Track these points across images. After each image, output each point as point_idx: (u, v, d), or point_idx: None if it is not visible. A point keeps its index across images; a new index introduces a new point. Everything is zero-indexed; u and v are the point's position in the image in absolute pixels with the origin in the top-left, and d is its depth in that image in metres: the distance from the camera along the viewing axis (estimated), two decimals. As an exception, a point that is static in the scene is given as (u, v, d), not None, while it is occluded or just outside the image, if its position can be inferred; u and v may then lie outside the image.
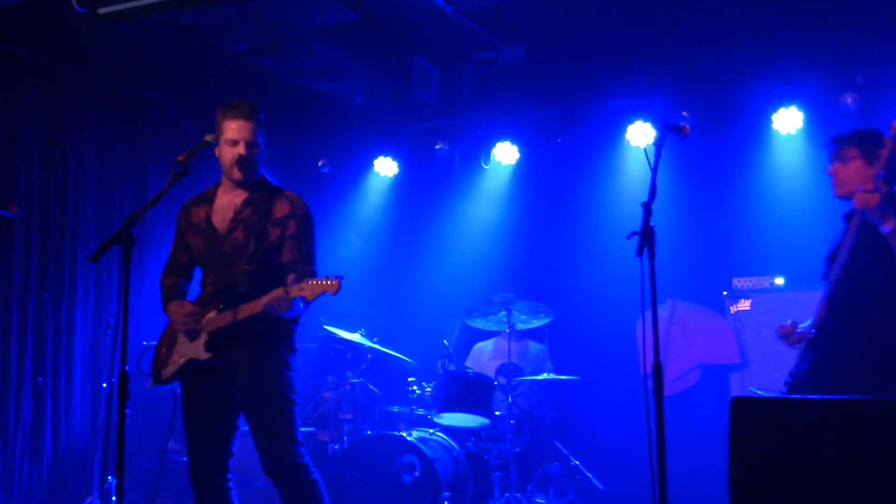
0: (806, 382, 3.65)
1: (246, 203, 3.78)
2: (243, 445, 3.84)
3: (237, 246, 3.71)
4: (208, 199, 3.87)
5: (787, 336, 3.86)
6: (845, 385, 3.49)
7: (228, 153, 3.74)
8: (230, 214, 3.78)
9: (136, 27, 5.38)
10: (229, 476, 3.76)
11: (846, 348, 3.60)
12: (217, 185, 3.90)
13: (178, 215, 3.94)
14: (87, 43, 5.86)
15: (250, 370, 3.67)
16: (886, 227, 3.47)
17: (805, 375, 3.68)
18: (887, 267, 3.55)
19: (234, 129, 3.73)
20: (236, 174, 3.75)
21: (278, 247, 3.71)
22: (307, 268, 3.71)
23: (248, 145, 3.73)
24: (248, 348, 3.69)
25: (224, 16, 5.42)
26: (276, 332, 3.75)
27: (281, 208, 3.75)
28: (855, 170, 3.79)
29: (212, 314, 3.68)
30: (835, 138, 3.90)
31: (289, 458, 3.63)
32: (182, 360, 3.73)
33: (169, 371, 3.76)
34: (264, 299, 3.49)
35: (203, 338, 3.68)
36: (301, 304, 3.61)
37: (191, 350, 3.72)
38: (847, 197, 3.82)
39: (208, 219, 3.82)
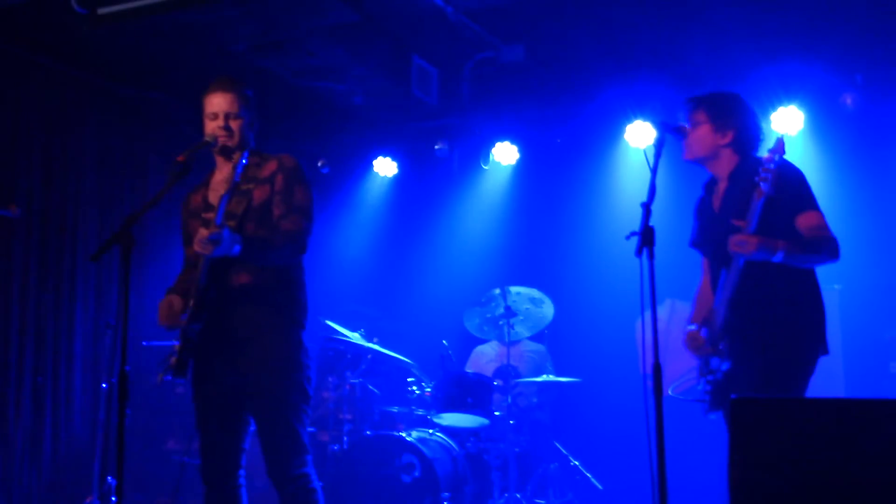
0: (731, 380, 3.54)
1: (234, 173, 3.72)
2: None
3: (229, 214, 3.59)
4: (205, 184, 3.85)
5: (698, 347, 3.68)
6: (761, 375, 3.44)
7: (209, 127, 3.71)
8: (222, 189, 3.70)
9: (136, 27, 5.38)
10: (241, 474, 3.72)
11: (757, 341, 3.50)
12: (212, 169, 3.86)
13: (181, 210, 3.91)
14: (87, 43, 5.86)
15: (259, 371, 3.61)
16: (778, 256, 3.41)
17: (729, 374, 3.57)
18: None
19: (212, 103, 3.70)
20: (217, 146, 3.70)
21: (269, 205, 3.63)
22: (294, 218, 3.62)
23: (227, 116, 3.68)
24: (248, 323, 3.60)
25: (224, 16, 5.42)
26: (272, 298, 3.63)
27: (268, 168, 3.69)
28: (702, 135, 3.71)
29: (195, 276, 3.60)
30: (687, 100, 3.79)
31: (291, 468, 3.59)
32: (181, 341, 3.62)
33: (175, 359, 3.63)
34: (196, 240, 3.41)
35: (190, 303, 3.58)
36: (235, 238, 3.43)
37: (185, 323, 3.62)
38: (693, 161, 3.76)
39: (205, 199, 3.79)
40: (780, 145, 3.48)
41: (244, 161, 3.52)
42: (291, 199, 3.66)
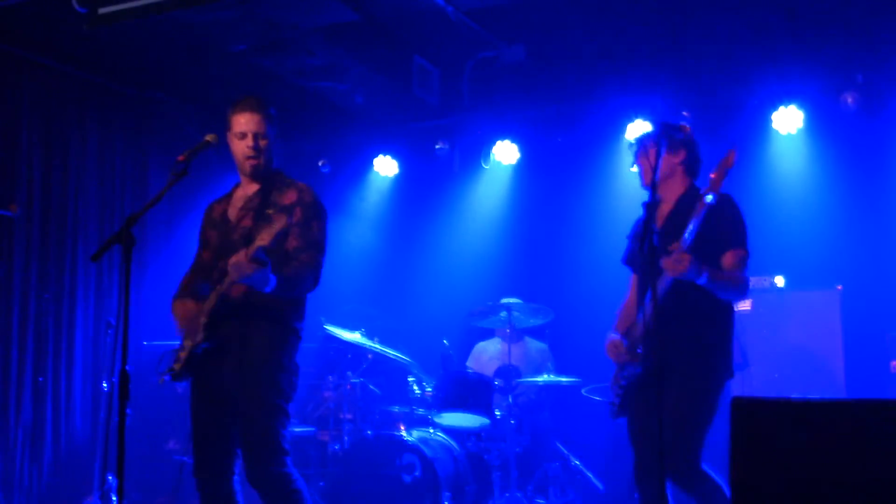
0: (644, 385, 3.63)
1: (256, 193, 3.84)
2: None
3: (245, 233, 3.73)
4: (228, 197, 3.96)
5: (618, 354, 3.80)
6: (674, 386, 3.52)
7: (238, 147, 3.81)
8: (241, 204, 3.85)
9: (136, 27, 5.38)
10: (235, 476, 3.74)
11: (675, 351, 3.58)
12: (237, 184, 3.98)
13: (202, 217, 4.02)
14: (87, 43, 5.86)
15: (240, 369, 3.66)
16: (702, 279, 3.51)
17: (643, 378, 3.65)
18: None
19: (241, 123, 3.79)
20: (247, 167, 3.82)
21: (284, 234, 3.68)
22: (311, 254, 3.72)
23: (256, 136, 3.78)
24: (237, 331, 3.66)
25: (224, 16, 5.42)
26: (266, 313, 3.70)
27: (288, 196, 3.78)
28: (656, 157, 3.77)
29: (211, 296, 3.68)
30: (639, 139, 3.95)
31: (270, 467, 3.60)
32: (186, 353, 3.73)
33: (178, 366, 3.74)
34: (230, 261, 3.47)
35: (202, 321, 3.68)
36: (272, 277, 3.51)
37: (193, 338, 3.72)
38: (649, 186, 3.81)
39: (224, 212, 3.89)
40: (730, 158, 3.61)
41: (261, 257, 3.53)
42: (309, 233, 3.75)
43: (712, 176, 3.57)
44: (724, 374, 3.67)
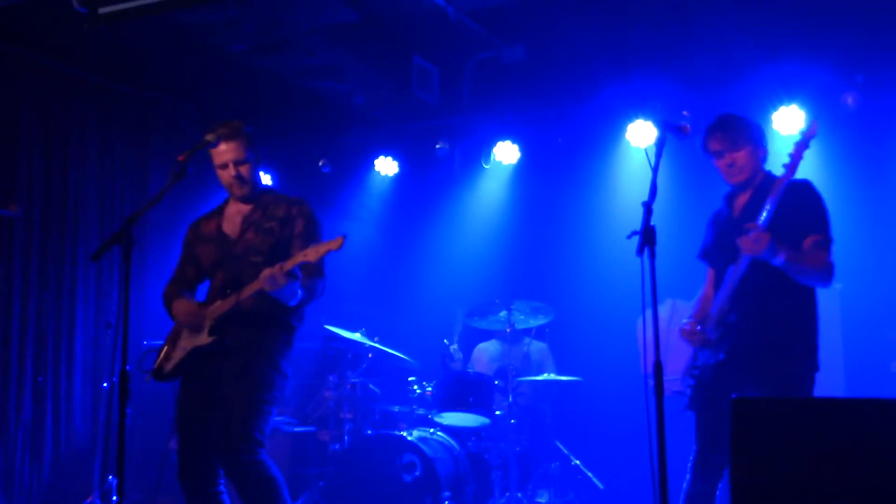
0: (718, 375, 3.69)
1: (255, 209, 3.92)
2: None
3: (249, 246, 3.83)
4: (218, 213, 4.02)
5: (693, 338, 3.82)
6: (754, 377, 3.60)
7: (222, 177, 3.91)
8: (240, 220, 3.92)
9: (136, 27, 5.39)
10: (220, 481, 3.78)
11: (754, 339, 3.64)
12: (226, 201, 4.05)
13: (186, 233, 4.08)
14: (87, 43, 5.86)
15: (242, 370, 3.71)
16: (779, 260, 3.54)
17: (718, 369, 3.70)
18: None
19: (219, 154, 3.86)
20: (236, 192, 3.93)
21: (287, 244, 3.81)
22: (318, 266, 3.82)
23: (236, 164, 3.86)
24: (245, 337, 3.74)
25: (224, 16, 5.42)
26: (274, 321, 3.80)
27: (288, 209, 3.89)
28: (747, 155, 3.87)
29: (217, 303, 3.76)
30: (726, 132, 3.93)
31: (244, 458, 3.64)
32: (183, 353, 3.77)
33: (170, 365, 3.81)
34: (264, 273, 3.55)
35: (207, 324, 3.75)
36: (300, 291, 3.66)
37: (193, 341, 3.78)
38: (742, 183, 3.89)
39: (219, 228, 3.95)
40: (812, 128, 3.66)
41: (295, 271, 3.64)
42: (311, 244, 3.79)
43: (792, 152, 3.62)
44: (809, 360, 3.67)
